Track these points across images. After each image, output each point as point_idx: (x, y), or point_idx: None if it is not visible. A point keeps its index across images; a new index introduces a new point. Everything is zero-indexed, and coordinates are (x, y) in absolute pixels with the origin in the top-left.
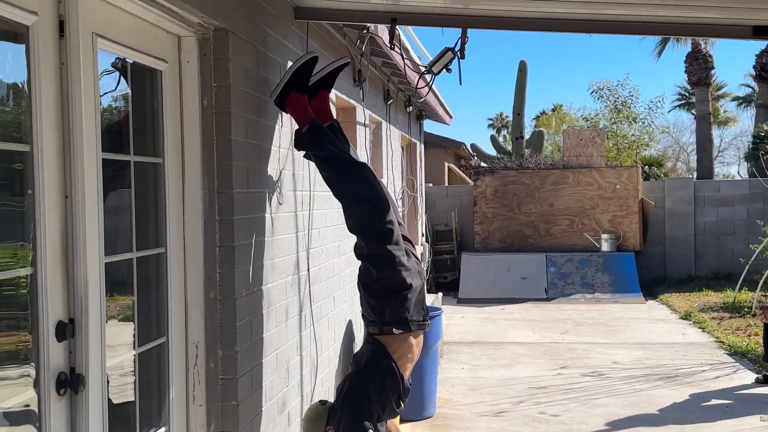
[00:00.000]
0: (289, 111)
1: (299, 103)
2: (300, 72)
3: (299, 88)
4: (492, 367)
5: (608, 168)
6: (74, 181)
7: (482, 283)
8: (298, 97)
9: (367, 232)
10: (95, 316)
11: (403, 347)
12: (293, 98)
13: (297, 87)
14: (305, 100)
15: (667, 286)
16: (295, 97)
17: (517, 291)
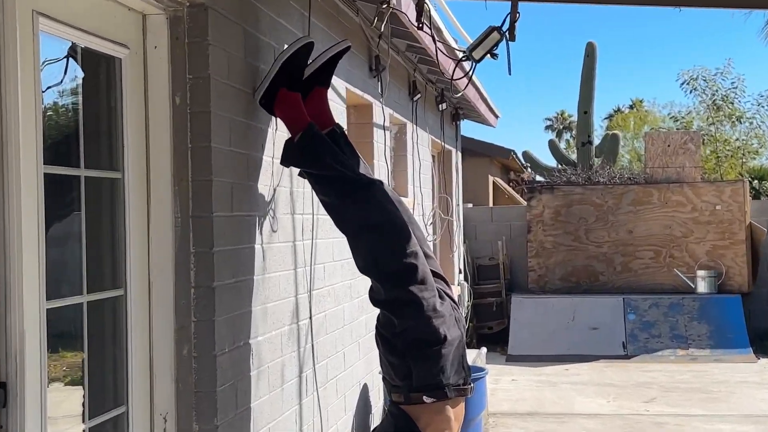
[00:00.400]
0: (278, 114)
1: (291, 103)
2: (291, 63)
3: (290, 85)
4: None
5: (705, 183)
6: (8, 202)
7: (539, 334)
8: (290, 96)
9: (381, 270)
10: (33, 378)
11: (437, 420)
12: (283, 97)
13: (287, 83)
14: (298, 98)
15: None
16: (285, 95)
17: (586, 346)
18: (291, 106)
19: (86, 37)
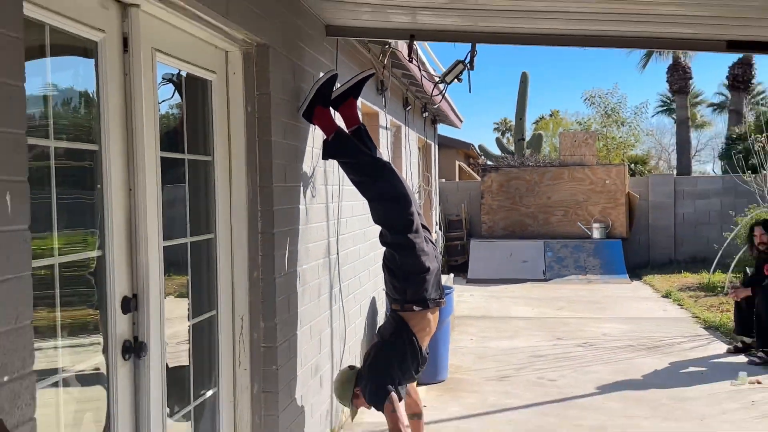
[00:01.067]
0: (316, 123)
1: (324, 116)
2: (323, 89)
3: (323, 103)
4: (497, 339)
5: (599, 166)
6: (137, 176)
7: (488, 265)
8: (323, 111)
9: (390, 224)
10: (155, 292)
11: (422, 322)
12: (318, 112)
13: (321, 102)
14: (329, 113)
15: (650, 268)
16: (320, 110)
17: (519, 273)
18: (323, 117)
19: (188, 66)
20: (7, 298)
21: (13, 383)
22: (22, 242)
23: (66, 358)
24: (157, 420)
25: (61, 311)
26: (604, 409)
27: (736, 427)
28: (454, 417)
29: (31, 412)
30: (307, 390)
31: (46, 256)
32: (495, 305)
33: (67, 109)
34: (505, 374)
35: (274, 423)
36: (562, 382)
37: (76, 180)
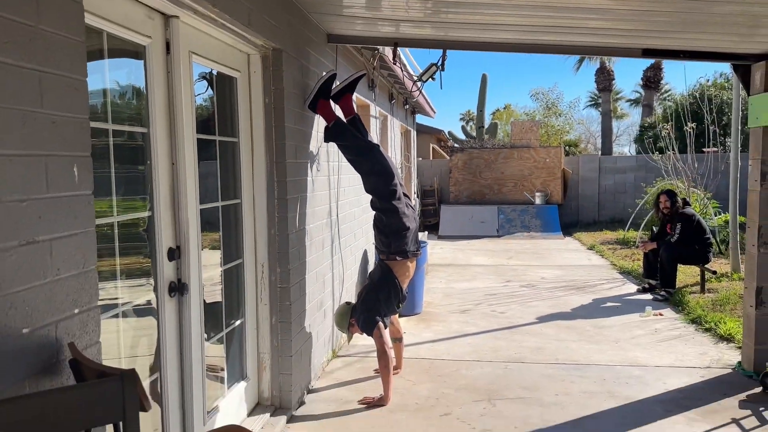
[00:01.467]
0: (319, 112)
1: (325, 107)
2: (324, 85)
3: (325, 97)
4: (460, 281)
5: (541, 148)
6: (178, 153)
7: (455, 225)
8: (324, 103)
9: (379, 193)
10: (194, 244)
11: (402, 269)
12: (321, 104)
13: (323, 96)
14: (329, 105)
15: (579, 227)
16: (322, 103)
17: (478, 231)
18: (325, 108)
19: (218, 65)
20: (75, 248)
21: (81, 314)
22: (86, 205)
23: (124, 296)
24: (197, 342)
25: (120, 259)
26: (542, 334)
27: (643, 348)
28: (427, 340)
29: (97, 337)
30: (313, 320)
31: (107, 216)
32: (459, 255)
33: (122, 100)
34: (466, 308)
35: (288, 345)
36: (510, 314)
37: (130, 156)
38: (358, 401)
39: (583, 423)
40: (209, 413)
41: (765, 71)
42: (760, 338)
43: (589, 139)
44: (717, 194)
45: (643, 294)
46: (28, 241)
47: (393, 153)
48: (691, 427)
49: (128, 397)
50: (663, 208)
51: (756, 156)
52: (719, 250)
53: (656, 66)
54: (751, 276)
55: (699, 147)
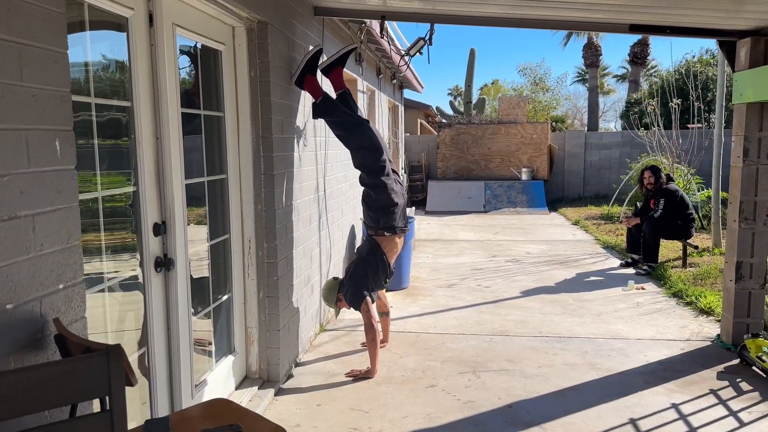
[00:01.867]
0: (306, 88)
1: (312, 83)
2: (310, 61)
3: (312, 72)
4: (447, 256)
5: (528, 123)
6: (162, 127)
7: (442, 201)
8: (311, 78)
9: (367, 169)
10: (180, 219)
11: (390, 244)
12: (308, 79)
13: (310, 71)
14: (316, 80)
15: (564, 203)
16: (309, 78)
17: (465, 206)
18: (312, 84)
19: (202, 38)
20: (59, 223)
21: (66, 290)
22: (69, 179)
23: (110, 271)
24: (184, 317)
25: (105, 234)
26: (526, 307)
27: (624, 321)
28: (414, 314)
29: (82, 312)
30: (301, 295)
31: (91, 191)
32: (446, 231)
33: (105, 73)
34: (453, 283)
35: (276, 319)
36: (495, 288)
37: (114, 130)
38: (345, 374)
39: (565, 394)
40: (197, 387)
41: (750, 48)
42: (738, 311)
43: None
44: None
45: (626, 268)
46: (10, 216)
47: (380, 128)
48: (670, 398)
49: (114, 371)
50: (647, 183)
51: (739, 132)
52: (701, 226)
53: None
54: (731, 251)
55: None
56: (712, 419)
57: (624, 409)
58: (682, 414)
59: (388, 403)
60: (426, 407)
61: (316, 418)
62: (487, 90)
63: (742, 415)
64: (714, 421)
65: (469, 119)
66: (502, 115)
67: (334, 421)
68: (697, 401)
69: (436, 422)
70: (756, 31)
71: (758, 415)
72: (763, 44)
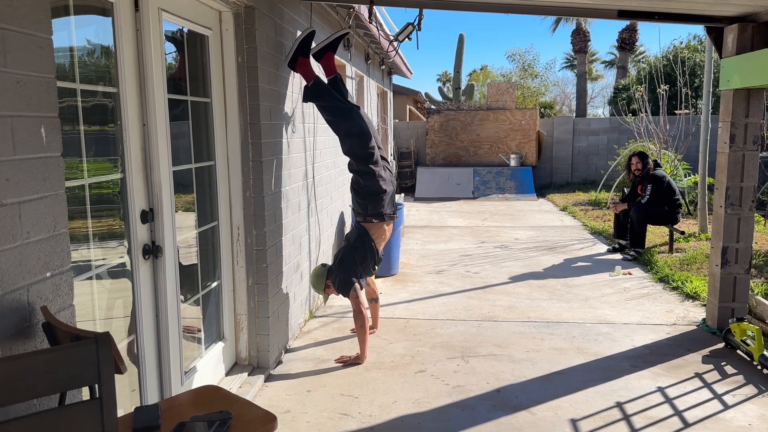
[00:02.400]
0: (298, 70)
1: (305, 65)
2: (303, 43)
3: (304, 54)
4: (436, 242)
5: (517, 110)
6: (149, 113)
7: (431, 187)
8: (304, 61)
9: (356, 156)
10: (167, 206)
11: (379, 231)
12: (300, 62)
13: (303, 53)
14: (309, 62)
15: (552, 189)
16: (302, 60)
17: (454, 192)
18: (305, 66)
19: (188, 23)
20: (45, 211)
21: (54, 278)
22: (56, 167)
23: (98, 258)
24: (173, 304)
25: (92, 221)
26: (514, 293)
27: (612, 305)
28: (403, 300)
29: (70, 300)
30: (290, 282)
31: (78, 178)
32: (435, 217)
33: (90, 59)
34: (441, 269)
35: (265, 306)
36: (484, 274)
37: (100, 117)
38: (335, 360)
39: (552, 378)
40: (187, 374)
41: (737, 34)
42: (723, 296)
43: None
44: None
45: (613, 254)
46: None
47: (370, 114)
48: (655, 381)
49: (103, 359)
50: (634, 169)
51: (726, 118)
52: (688, 211)
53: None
54: (717, 236)
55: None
56: (697, 402)
57: (611, 393)
58: (668, 397)
59: (377, 388)
60: (415, 392)
61: (306, 404)
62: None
63: (726, 398)
64: (699, 404)
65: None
66: (490, 102)
67: (324, 407)
68: (683, 385)
69: (425, 407)
70: (743, 18)
71: (742, 398)
72: (750, 30)
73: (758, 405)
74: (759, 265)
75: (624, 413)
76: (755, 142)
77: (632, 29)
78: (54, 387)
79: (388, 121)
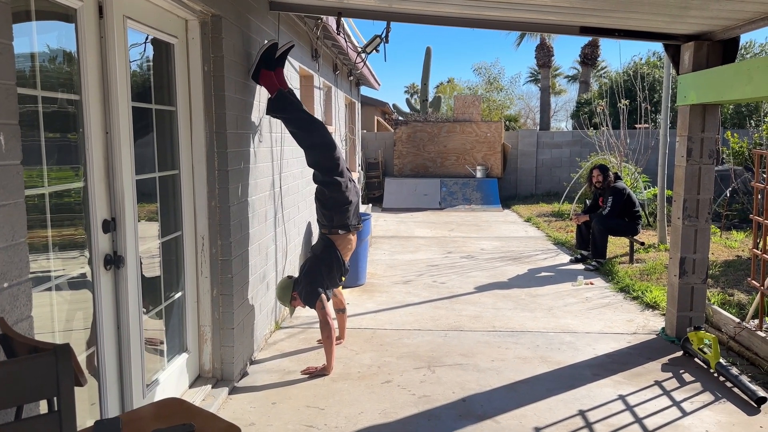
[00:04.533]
0: (262, 83)
1: (267, 78)
2: (265, 55)
3: (267, 66)
4: (403, 253)
5: (483, 122)
6: (112, 121)
7: (398, 198)
8: (267, 73)
9: (321, 167)
10: (130, 216)
11: (344, 242)
12: (263, 74)
13: (265, 65)
14: (272, 75)
15: (517, 200)
16: (264, 73)
17: (421, 203)
18: (267, 79)
19: (154, 31)
20: (4, 220)
21: (11, 288)
22: (15, 175)
23: (58, 269)
24: (135, 316)
25: (52, 231)
26: (480, 303)
27: (574, 315)
28: (370, 311)
29: (28, 311)
30: (256, 293)
31: (38, 186)
32: (403, 227)
33: (52, 65)
34: (409, 279)
35: (230, 317)
36: (450, 284)
37: (61, 124)
38: (301, 371)
39: (517, 387)
40: (149, 386)
41: (693, 52)
42: (682, 306)
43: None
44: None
45: (576, 264)
46: None
47: (337, 125)
48: (616, 390)
49: (62, 372)
50: (595, 182)
51: (683, 133)
52: (648, 223)
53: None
54: (675, 247)
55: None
56: (657, 409)
57: (573, 401)
58: (629, 405)
59: (343, 399)
60: (381, 403)
61: (271, 417)
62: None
63: (684, 405)
64: (659, 411)
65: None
66: (457, 114)
67: (289, 419)
68: (643, 392)
69: (392, 417)
70: (699, 36)
71: (700, 405)
72: (705, 48)
73: (715, 411)
74: (715, 275)
75: (586, 421)
76: (711, 156)
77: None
78: (11, 400)
79: (355, 132)
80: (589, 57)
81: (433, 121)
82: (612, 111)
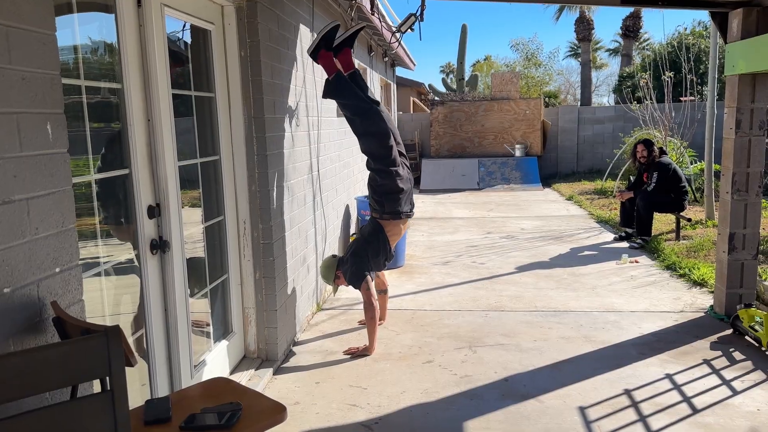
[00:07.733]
0: (320, 62)
1: (326, 58)
2: (326, 35)
3: (327, 47)
4: (441, 234)
5: (521, 99)
6: (154, 108)
7: (436, 179)
8: (326, 53)
9: (374, 155)
10: (174, 201)
11: (394, 229)
12: (322, 54)
13: (325, 46)
14: (331, 56)
15: (558, 178)
16: (324, 53)
17: (459, 184)
18: (326, 59)
19: (191, 18)
20: (53, 207)
21: (63, 273)
22: (62, 163)
23: (106, 254)
24: (181, 298)
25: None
26: (521, 283)
27: (619, 294)
28: (410, 292)
29: (80, 295)
30: (297, 275)
31: (84, 174)
32: (441, 209)
33: (94, 55)
34: (448, 260)
35: (273, 300)
36: (490, 264)
37: (105, 113)
38: (343, 351)
39: (560, 367)
40: (196, 367)
41: (742, 18)
42: (731, 282)
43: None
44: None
45: (620, 242)
46: (4, 201)
47: None
48: (663, 369)
49: (113, 352)
50: (640, 157)
51: (731, 104)
52: (694, 198)
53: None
54: (724, 222)
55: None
56: (706, 388)
57: (619, 380)
58: (676, 384)
59: (386, 379)
60: (423, 382)
61: (315, 396)
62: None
63: (734, 384)
64: (707, 390)
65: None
66: (494, 92)
67: (333, 398)
68: (691, 371)
69: (434, 397)
70: (747, 2)
71: (751, 384)
72: (755, 14)
73: (767, 390)
74: (767, 251)
75: (632, 400)
76: (761, 127)
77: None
78: (65, 380)
79: (392, 113)
80: (631, 29)
81: (470, 100)
82: (656, 84)
